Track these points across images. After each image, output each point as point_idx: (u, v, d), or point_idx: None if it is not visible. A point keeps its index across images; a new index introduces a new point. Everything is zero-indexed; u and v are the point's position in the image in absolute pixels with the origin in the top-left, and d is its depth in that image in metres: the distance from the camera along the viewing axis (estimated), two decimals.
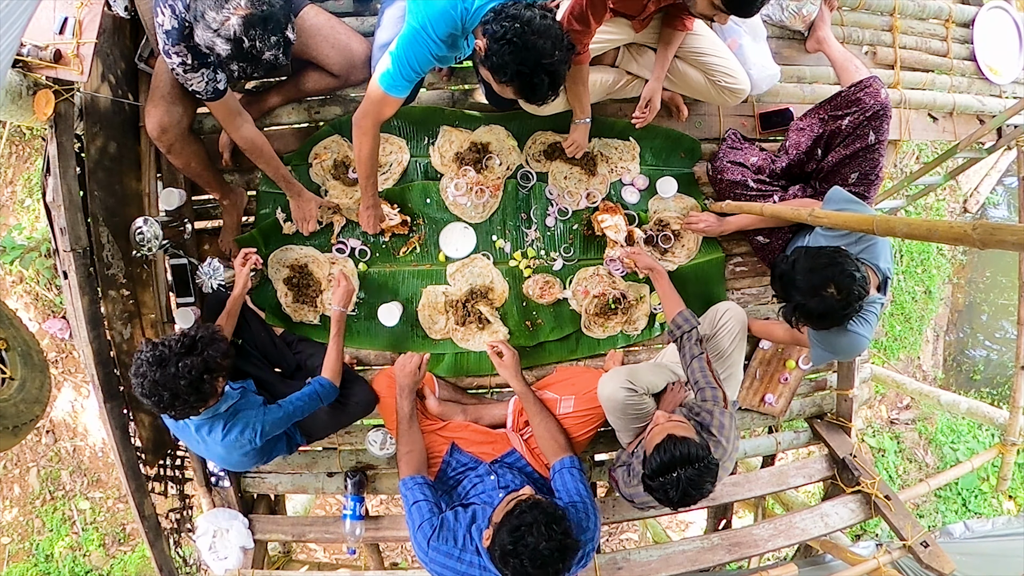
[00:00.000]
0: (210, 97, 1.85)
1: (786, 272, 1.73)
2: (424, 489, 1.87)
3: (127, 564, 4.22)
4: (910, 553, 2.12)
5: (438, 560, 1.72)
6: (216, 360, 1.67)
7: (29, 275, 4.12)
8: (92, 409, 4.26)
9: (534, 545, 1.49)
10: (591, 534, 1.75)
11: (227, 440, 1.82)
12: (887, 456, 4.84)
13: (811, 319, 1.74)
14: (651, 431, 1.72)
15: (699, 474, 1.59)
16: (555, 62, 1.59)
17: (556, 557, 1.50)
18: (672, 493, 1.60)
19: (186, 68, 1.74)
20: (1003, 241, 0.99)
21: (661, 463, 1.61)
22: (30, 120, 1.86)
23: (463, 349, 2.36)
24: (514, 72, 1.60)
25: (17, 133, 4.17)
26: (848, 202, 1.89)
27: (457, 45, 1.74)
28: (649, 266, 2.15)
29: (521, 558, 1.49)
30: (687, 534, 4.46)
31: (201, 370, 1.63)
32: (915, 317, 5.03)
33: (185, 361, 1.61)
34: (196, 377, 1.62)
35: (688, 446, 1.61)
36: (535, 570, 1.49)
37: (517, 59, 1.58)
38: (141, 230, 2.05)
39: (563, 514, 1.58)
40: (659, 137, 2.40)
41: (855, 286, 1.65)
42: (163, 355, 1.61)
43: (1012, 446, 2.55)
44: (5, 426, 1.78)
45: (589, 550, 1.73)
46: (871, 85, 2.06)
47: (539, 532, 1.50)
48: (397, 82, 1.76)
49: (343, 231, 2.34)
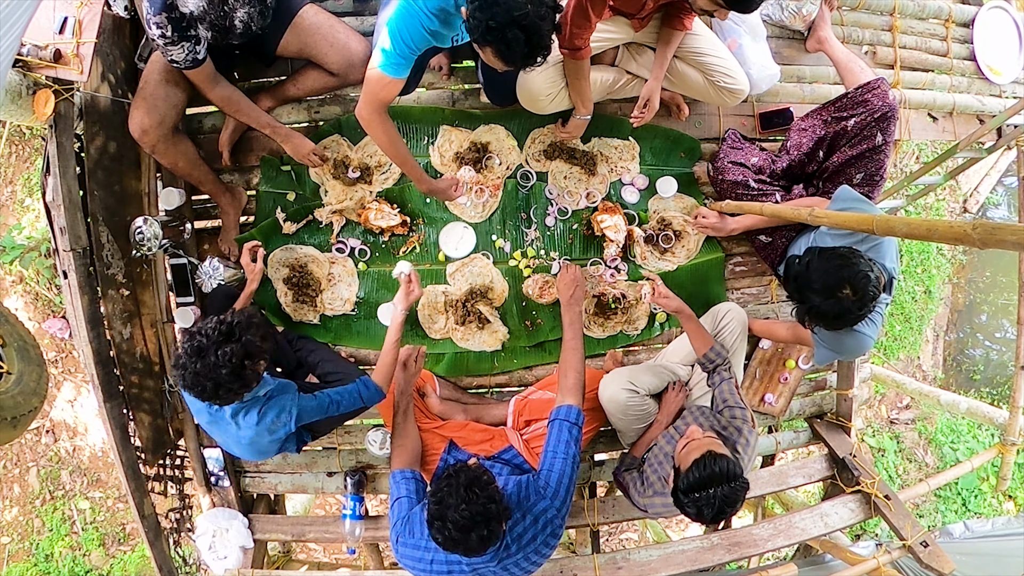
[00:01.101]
0: (188, 66, 1.85)
1: (800, 273, 1.70)
2: (410, 484, 1.84)
3: (127, 564, 4.22)
4: (910, 553, 2.12)
5: (407, 555, 1.70)
6: (256, 344, 1.62)
7: (29, 275, 4.12)
8: (92, 409, 4.26)
9: (453, 507, 1.44)
10: (548, 506, 1.66)
11: (262, 424, 1.77)
12: (887, 456, 4.84)
13: (826, 320, 1.71)
14: (686, 447, 1.69)
15: (734, 492, 1.58)
16: (527, 14, 1.51)
17: (477, 521, 1.44)
18: (707, 511, 1.59)
19: (166, 41, 1.75)
20: (1003, 241, 0.99)
21: (699, 479, 1.58)
22: (30, 120, 1.86)
23: (463, 348, 2.36)
24: (485, 28, 1.53)
25: (17, 133, 4.18)
26: (856, 201, 1.87)
27: (450, 22, 1.70)
28: (677, 309, 2.11)
29: (444, 521, 1.45)
30: (687, 534, 4.46)
31: (242, 356, 1.58)
32: (915, 317, 5.03)
33: (224, 349, 1.56)
34: (237, 364, 1.57)
35: (727, 463, 1.60)
36: (457, 533, 1.44)
37: (487, 14, 1.50)
38: (141, 230, 2.05)
39: (489, 479, 1.52)
40: (659, 137, 2.40)
41: (870, 286, 1.63)
42: (201, 345, 1.56)
43: (1012, 446, 2.55)
44: (3, 417, 1.78)
45: (551, 517, 1.66)
46: (879, 87, 2.05)
47: (458, 495, 1.45)
48: (392, 59, 1.71)
49: (343, 231, 2.34)
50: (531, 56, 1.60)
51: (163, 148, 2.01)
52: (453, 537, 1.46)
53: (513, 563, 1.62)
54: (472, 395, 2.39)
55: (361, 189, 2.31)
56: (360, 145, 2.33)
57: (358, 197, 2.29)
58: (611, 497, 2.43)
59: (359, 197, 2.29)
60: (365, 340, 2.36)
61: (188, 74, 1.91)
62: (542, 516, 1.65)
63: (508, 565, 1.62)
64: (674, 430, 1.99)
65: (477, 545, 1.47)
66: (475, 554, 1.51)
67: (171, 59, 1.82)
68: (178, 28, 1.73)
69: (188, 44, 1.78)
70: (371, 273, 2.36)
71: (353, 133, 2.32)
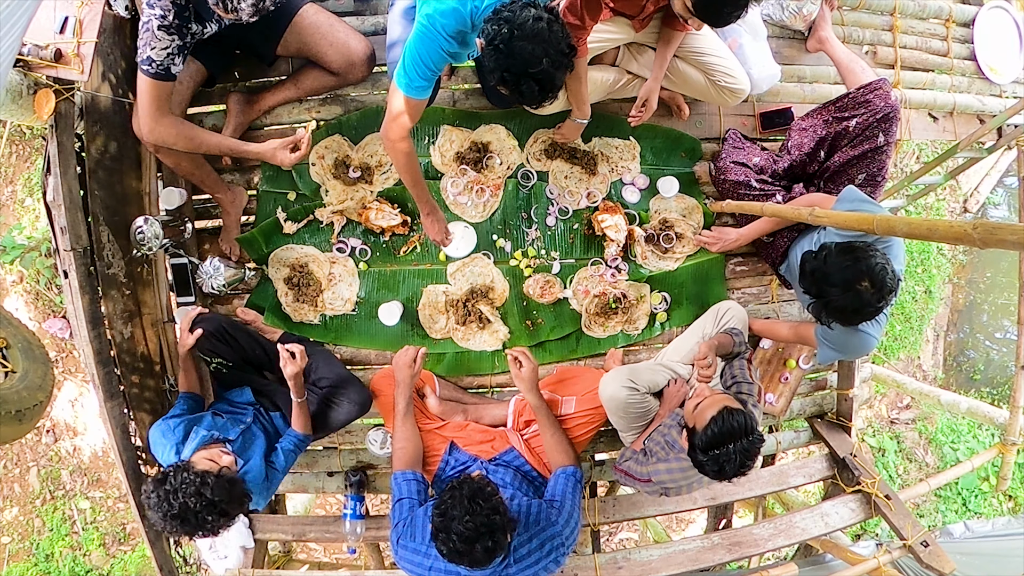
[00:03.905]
0: (155, 73, 1.73)
1: (818, 268, 1.68)
2: (411, 486, 1.85)
3: (127, 564, 4.22)
4: (910, 552, 2.12)
5: (406, 558, 1.70)
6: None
7: (29, 275, 4.12)
8: (92, 408, 4.26)
9: (457, 519, 1.46)
10: (559, 532, 1.71)
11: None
12: (887, 456, 4.84)
13: (844, 315, 1.70)
14: (699, 405, 1.68)
15: (753, 444, 1.59)
16: (543, 69, 1.53)
17: (482, 532, 1.45)
18: (728, 467, 1.59)
19: (160, 25, 1.66)
20: (1003, 240, 0.99)
21: (718, 435, 1.58)
22: (30, 119, 1.86)
23: (463, 348, 2.36)
24: (500, 76, 1.57)
25: (17, 132, 4.17)
26: (861, 202, 1.85)
27: (467, 42, 1.72)
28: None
29: (448, 533, 1.46)
30: (687, 533, 4.46)
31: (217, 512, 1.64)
32: (915, 317, 5.03)
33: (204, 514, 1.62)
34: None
35: (744, 416, 1.60)
36: (462, 545, 1.45)
37: (503, 65, 1.54)
38: (141, 229, 2.05)
39: (492, 491, 1.54)
40: (659, 136, 2.40)
41: (888, 278, 1.63)
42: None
43: (1012, 446, 2.55)
44: (8, 411, 1.78)
45: (557, 544, 1.69)
46: (881, 87, 2.05)
47: (462, 507, 1.47)
48: (415, 82, 1.73)
49: (344, 230, 2.34)
50: (543, 100, 1.63)
51: (167, 148, 2.00)
52: (458, 549, 1.47)
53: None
54: (473, 395, 2.39)
55: (362, 189, 2.31)
56: (361, 145, 2.33)
57: (359, 197, 2.29)
58: (611, 497, 2.43)
59: (360, 197, 2.29)
60: (365, 340, 2.36)
61: (147, 84, 1.77)
62: (549, 542, 1.68)
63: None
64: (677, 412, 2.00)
65: (482, 557, 1.48)
66: (479, 566, 1.51)
67: (147, 52, 1.69)
68: (180, 16, 1.67)
69: (177, 41, 1.71)
70: (372, 273, 2.36)
71: (353, 133, 2.32)
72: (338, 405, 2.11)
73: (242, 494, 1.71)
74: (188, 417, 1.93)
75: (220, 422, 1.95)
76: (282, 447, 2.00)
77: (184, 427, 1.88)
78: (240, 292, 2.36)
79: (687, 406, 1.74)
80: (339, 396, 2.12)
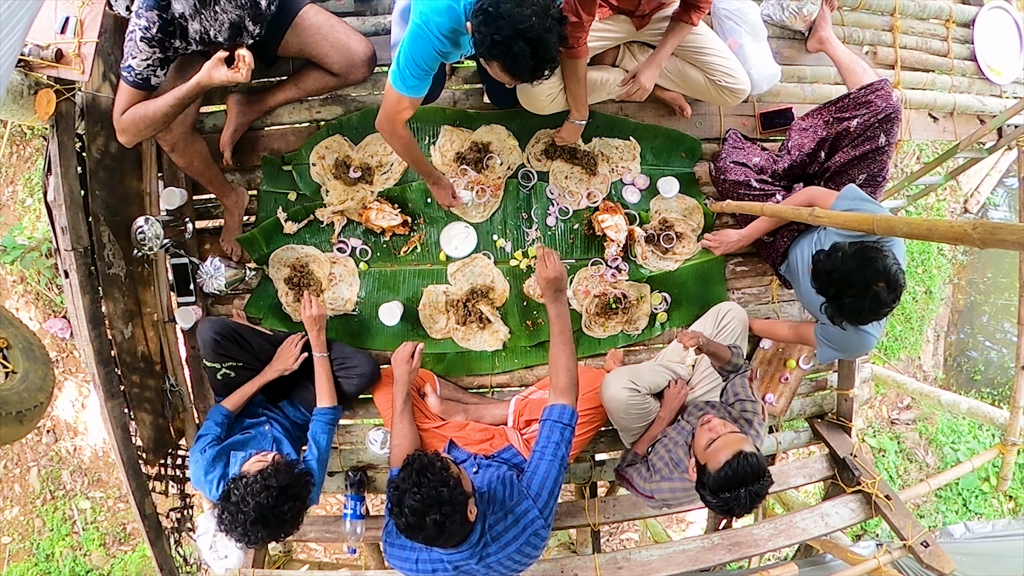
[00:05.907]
0: (133, 82, 1.71)
1: (834, 269, 1.67)
2: None
3: (127, 564, 4.22)
4: (910, 553, 2.11)
5: (395, 555, 1.70)
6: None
7: (30, 275, 4.12)
8: (93, 408, 4.26)
9: (408, 492, 1.45)
10: (530, 507, 1.63)
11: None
12: (887, 456, 4.84)
13: (861, 315, 1.68)
14: (712, 445, 1.66)
15: (763, 488, 1.59)
16: (533, 26, 1.49)
17: (429, 504, 1.44)
18: (737, 509, 1.60)
19: (143, 37, 1.65)
20: (1003, 241, 0.99)
21: (732, 480, 1.58)
22: (31, 119, 1.86)
23: (464, 348, 2.36)
24: (491, 42, 1.54)
25: (18, 133, 4.18)
26: (861, 200, 1.85)
27: (460, 42, 1.73)
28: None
29: (400, 507, 1.46)
30: (687, 534, 4.46)
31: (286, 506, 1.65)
32: (916, 317, 5.03)
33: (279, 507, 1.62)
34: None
35: (757, 460, 1.59)
36: (413, 518, 1.44)
37: (492, 28, 1.50)
38: (142, 229, 2.05)
39: (443, 465, 1.52)
40: (660, 137, 2.40)
41: (900, 278, 1.64)
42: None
43: (1012, 446, 2.55)
44: (9, 412, 1.79)
45: (531, 519, 1.62)
46: (882, 88, 2.05)
47: (411, 481, 1.47)
48: (407, 81, 1.75)
49: (344, 230, 2.34)
50: (538, 69, 1.61)
51: (182, 147, 2.00)
52: (410, 523, 1.46)
53: (496, 562, 1.60)
54: (473, 395, 2.39)
55: (362, 189, 2.31)
56: (361, 145, 2.33)
57: (359, 197, 2.29)
58: (612, 497, 2.43)
59: (360, 197, 2.29)
60: (365, 340, 2.36)
61: (126, 91, 1.74)
62: (523, 517, 1.63)
63: (491, 564, 1.60)
64: (685, 422, 1.99)
65: (434, 530, 1.46)
66: (437, 542, 1.50)
67: (128, 62, 1.69)
68: (163, 29, 1.66)
69: (158, 54, 1.69)
70: (372, 273, 2.36)
71: (354, 133, 2.32)
72: (347, 376, 2.13)
73: (304, 473, 1.72)
74: (219, 447, 1.91)
75: (249, 438, 1.97)
76: (313, 436, 1.99)
77: (221, 461, 1.88)
78: (240, 292, 2.36)
79: (699, 439, 1.71)
80: (347, 367, 2.13)
